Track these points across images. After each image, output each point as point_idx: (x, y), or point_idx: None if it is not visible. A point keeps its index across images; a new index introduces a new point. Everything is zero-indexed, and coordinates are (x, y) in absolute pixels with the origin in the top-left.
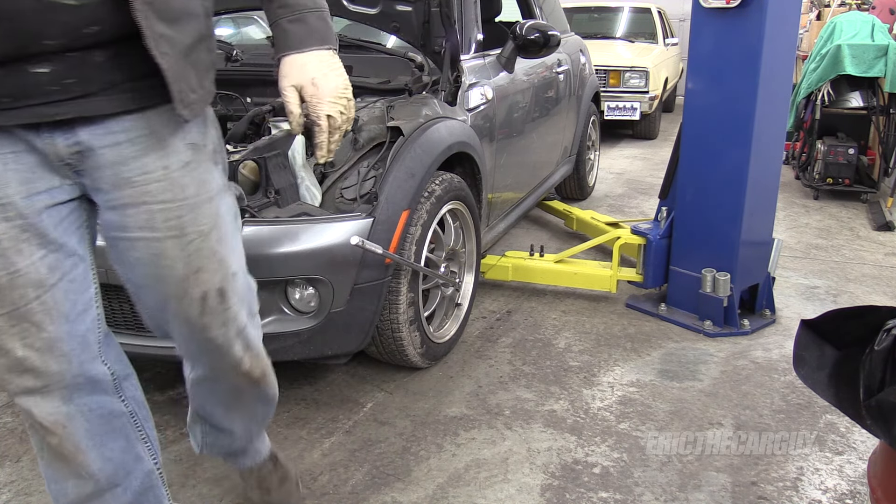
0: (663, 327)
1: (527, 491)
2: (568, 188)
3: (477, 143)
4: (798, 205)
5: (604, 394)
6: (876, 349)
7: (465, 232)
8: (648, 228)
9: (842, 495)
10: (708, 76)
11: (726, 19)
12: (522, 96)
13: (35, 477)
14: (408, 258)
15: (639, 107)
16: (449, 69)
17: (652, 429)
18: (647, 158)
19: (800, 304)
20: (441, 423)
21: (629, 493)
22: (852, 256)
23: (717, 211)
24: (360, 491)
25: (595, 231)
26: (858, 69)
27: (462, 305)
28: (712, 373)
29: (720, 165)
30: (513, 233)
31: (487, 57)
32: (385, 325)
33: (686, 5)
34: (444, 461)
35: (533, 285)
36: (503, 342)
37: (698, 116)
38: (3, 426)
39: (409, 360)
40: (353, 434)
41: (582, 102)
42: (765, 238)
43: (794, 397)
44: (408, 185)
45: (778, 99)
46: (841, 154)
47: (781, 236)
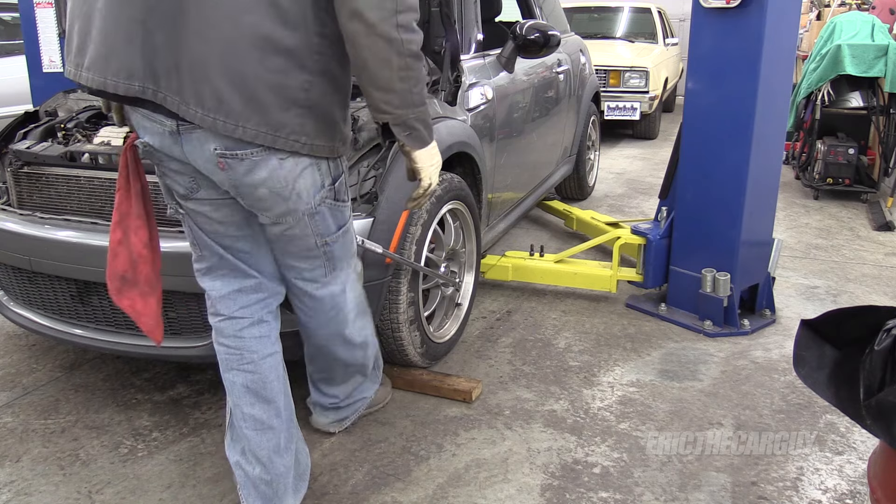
0: (663, 327)
1: (527, 491)
2: (568, 188)
3: (477, 143)
4: (798, 205)
5: (604, 394)
6: (876, 349)
7: (465, 232)
8: (648, 228)
9: (842, 495)
10: (708, 76)
11: (726, 19)
12: (522, 96)
13: (35, 477)
14: (408, 258)
15: (639, 107)
16: (449, 69)
17: (652, 429)
18: (647, 158)
19: (800, 304)
20: (441, 423)
21: (629, 493)
22: (852, 256)
23: (717, 211)
24: (360, 491)
25: (595, 231)
26: (858, 69)
27: (462, 305)
28: (712, 373)
29: (720, 165)
30: (513, 233)
31: (487, 57)
32: (385, 324)
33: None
34: (444, 461)
35: (533, 285)
36: (503, 342)
37: (698, 116)
38: (4, 426)
39: (409, 360)
40: (353, 434)
41: (582, 102)
42: (765, 238)
43: (794, 397)
44: (408, 186)
45: (778, 99)
46: (841, 154)
47: (781, 236)
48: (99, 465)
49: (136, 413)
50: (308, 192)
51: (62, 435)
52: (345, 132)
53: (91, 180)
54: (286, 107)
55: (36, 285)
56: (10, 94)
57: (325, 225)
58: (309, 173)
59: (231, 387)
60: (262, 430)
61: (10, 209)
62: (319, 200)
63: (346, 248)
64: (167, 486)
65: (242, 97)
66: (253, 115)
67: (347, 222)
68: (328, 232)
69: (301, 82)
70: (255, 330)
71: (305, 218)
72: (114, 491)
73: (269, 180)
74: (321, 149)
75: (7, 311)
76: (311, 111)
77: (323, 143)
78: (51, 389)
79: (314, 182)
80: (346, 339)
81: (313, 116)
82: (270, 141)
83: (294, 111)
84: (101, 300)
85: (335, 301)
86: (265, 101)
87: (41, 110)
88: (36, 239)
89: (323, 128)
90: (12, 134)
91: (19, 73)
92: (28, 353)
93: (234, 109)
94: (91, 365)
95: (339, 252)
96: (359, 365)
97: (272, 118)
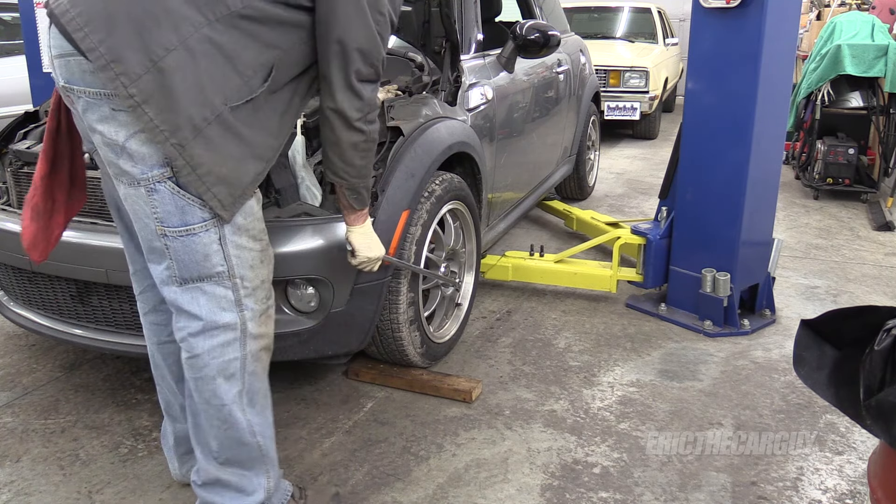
0: (663, 327)
1: (527, 491)
2: (568, 188)
3: (477, 143)
4: (798, 205)
5: (604, 394)
6: (876, 349)
7: (465, 232)
8: (648, 228)
9: (842, 495)
10: (708, 76)
11: (726, 19)
12: (522, 96)
13: (35, 477)
14: (408, 259)
15: (639, 107)
16: (449, 69)
17: (652, 429)
18: (647, 158)
19: (800, 304)
20: (441, 423)
21: (629, 493)
22: (852, 256)
23: (717, 211)
24: (360, 491)
25: (595, 231)
26: (858, 69)
27: (462, 305)
28: (712, 373)
29: (720, 165)
30: (513, 233)
31: (487, 57)
32: (385, 325)
33: (686, 5)
34: (444, 461)
35: (533, 285)
36: (503, 342)
37: (698, 116)
38: (3, 426)
39: (409, 360)
40: (353, 434)
41: (582, 102)
42: (765, 238)
43: (794, 397)
44: (408, 185)
45: (778, 99)
46: (841, 154)
47: (781, 236)
48: (99, 465)
49: (136, 413)
50: (143, 158)
51: (62, 435)
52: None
53: (91, 180)
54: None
55: (36, 285)
56: (10, 94)
57: (165, 211)
58: (147, 137)
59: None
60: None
61: (10, 209)
62: (158, 176)
63: (195, 261)
64: (167, 486)
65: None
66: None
67: (196, 227)
68: (169, 222)
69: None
70: (151, 317)
71: (143, 189)
72: (114, 491)
73: (101, 125)
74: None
75: (7, 312)
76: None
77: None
78: (51, 389)
79: (152, 151)
80: (197, 410)
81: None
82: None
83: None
84: (101, 300)
85: (188, 339)
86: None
87: (41, 110)
88: None
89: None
90: (12, 134)
91: (19, 73)
92: (28, 353)
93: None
94: (91, 365)
95: (183, 257)
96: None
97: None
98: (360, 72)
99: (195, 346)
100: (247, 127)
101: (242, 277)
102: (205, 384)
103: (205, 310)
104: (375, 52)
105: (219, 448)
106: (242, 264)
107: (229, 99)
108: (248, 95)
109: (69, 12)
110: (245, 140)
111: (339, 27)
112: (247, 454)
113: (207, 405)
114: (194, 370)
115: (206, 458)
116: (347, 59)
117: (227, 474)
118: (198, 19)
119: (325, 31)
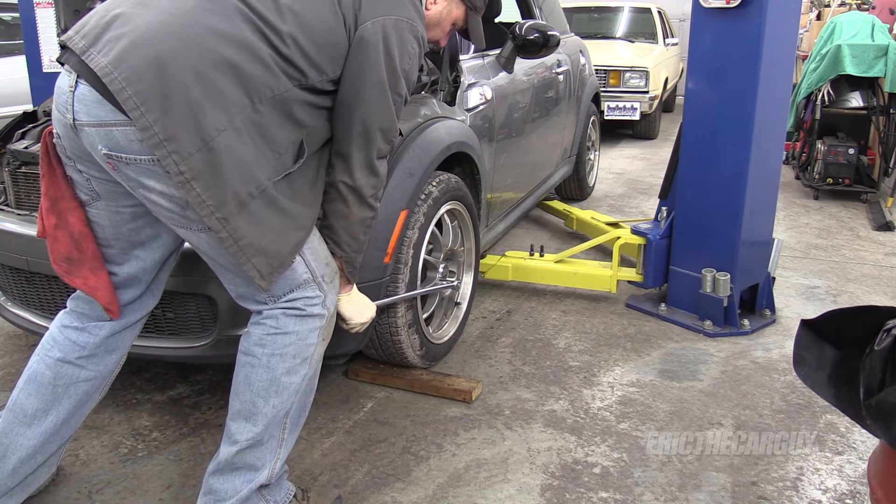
0: (663, 327)
1: (527, 491)
2: (568, 188)
3: (476, 144)
4: (798, 205)
5: (604, 394)
6: (876, 349)
7: (464, 232)
8: (648, 228)
9: (842, 495)
10: (708, 76)
11: (726, 19)
12: (522, 96)
13: None
14: (405, 261)
15: (639, 107)
16: (448, 69)
17: (652, 429)
18: (647, 158)
19: (800, 304)
20: (441, 423)
21: (629, 493)
22: (852, 256)
23: (717, 211)
24: (360, 491)
25: (595, 231)
26: (858, 69)
27: (461, 305)
28: (712, 373)
29: (720, 165)
30: (513, 233)
31: (487, 57)
32: (384, 328)
33: (686, 5)
34: (444, 461)
35: (533, 285)
36: (503, 342)
37: (698, 116)
38: None
39: (408, 362)
40: (353, 434)
41: (582, 103)
42: (765, 238)
43: (794, 397)
44: (406, 185)
45: (778, 99)
46: (841, 154)
47: (781, 236)
48: (99, 465)
49: (136, 413)
50: None
51: None
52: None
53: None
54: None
55: (33, 285)
56: (10, 94)
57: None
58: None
59: None
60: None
61: (7, 209)
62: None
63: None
64: (167, 486)
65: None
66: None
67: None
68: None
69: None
70: (73, 335)
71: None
72: (114, 491)
73: (158, 184)
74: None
75: (5, 312)
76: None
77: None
78: None
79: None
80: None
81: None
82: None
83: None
84: None
85: (279, 316)
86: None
87: (39, 110)
88: (33, 239)
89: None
90: (10, 134)
91: (19, 73)
92: (28, 353)
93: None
94: None
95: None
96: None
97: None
98: (380, 150)
99: (287, 324)
100: (288, 200)
101: (323, 276)
102: (281, 361)
103: (300, 302)
104: (393, 131)
105: (265, 427)
106: (319, 264)
107: (271, 175)
108: (283, 171)
109: (116, 81)
110: (287, 212)
111: (363, 109)
112: (278, 430)
113: (272, 382)
114: (275, 346)
115: (234, 438)
116: (370, 140)
117: (244, 456)
118: (245, 102)
119: (347, 113)
